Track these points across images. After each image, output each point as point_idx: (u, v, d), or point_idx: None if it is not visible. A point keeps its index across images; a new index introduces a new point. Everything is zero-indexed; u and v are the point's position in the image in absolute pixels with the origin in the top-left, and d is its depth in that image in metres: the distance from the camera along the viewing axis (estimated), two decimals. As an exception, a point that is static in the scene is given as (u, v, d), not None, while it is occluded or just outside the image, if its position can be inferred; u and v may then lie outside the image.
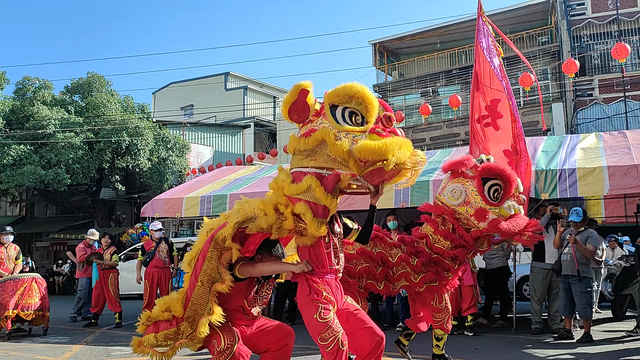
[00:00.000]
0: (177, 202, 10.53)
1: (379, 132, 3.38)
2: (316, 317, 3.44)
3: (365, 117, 3.37)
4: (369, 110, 3.35)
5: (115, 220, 25.44)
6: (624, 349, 6.43)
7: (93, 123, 21.66)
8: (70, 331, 8.74)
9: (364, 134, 3.35)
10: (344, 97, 3.35)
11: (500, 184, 4.80)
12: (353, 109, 3.36)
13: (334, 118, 3.36)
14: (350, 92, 3.34)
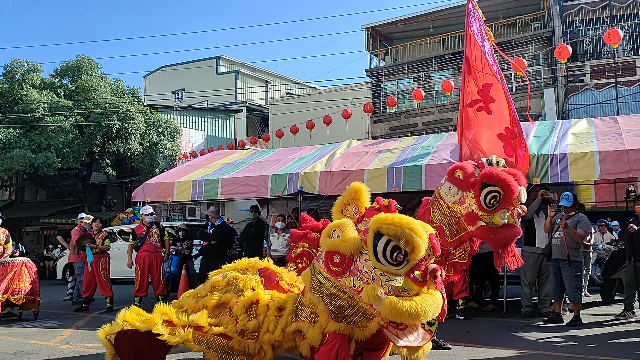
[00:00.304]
0: (168, 186, 10.47)
1: (416, 279, 3.17)
2: None
3: (408, 256, 3.14)
4: (414, 251, 3.13)
5: (106, 205, 25.32)
6: (613, 332, 6.51)
7: (83, 107, 21.43)
8: (61, 315, 8.72)
9: (400, 278, 3.17)
10: (393, 233, 3.11)
11: (499, 192, 4.61)
12: (396, 245, 3.12)
13: (374, 250, 3.15)
14: (400, 232, 3.10)
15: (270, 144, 22.08)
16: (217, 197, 9.93)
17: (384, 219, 3.14)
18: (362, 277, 3.23)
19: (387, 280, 3.14)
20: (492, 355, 5.32)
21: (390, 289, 3.14)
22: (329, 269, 3.36)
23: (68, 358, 5.47)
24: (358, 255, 3.25)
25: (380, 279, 3.15)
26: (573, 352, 5.43)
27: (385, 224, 3.10)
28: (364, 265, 3.22)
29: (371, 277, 3.18)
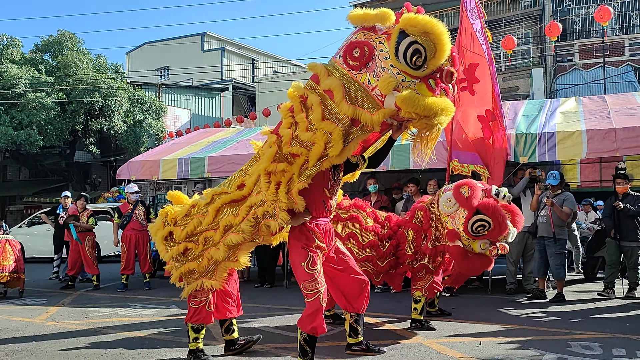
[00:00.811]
0: (154, 164, 10.36)
1: (430, 84, 3.16)
2: (303, 266, 3.65)
3: (427, 62, 3.10)
4: (435, 56, 3.08)
5: (91, 184, 25.06)
6: (595, 308, 6.61)
7: (64, 83, 21.02)
8: (47, 293, 8.65)
9: (415, 81, 3.15)
10: (420, 31, 3.04)
11: (489, 224, 4.67)
12: (419, 47, 3.05)
13: (395, 49, 3.08)
14: (429, 29, 3.03)
15: (257, 123, 21.89)
16: (204, 176, 9.85)
17: (412, 18, 3.07)
18: (378, 74, 3.21)
19: (403, 80, 3.13)
20: (477, 330, 5.38)
21: (404, 89, 3.14)
22: (347, 62, 3.29)
23: (54, 335, 5.43)
24: (378, 52, 3.20)
25: (396, 77, 3.14)
26: (556, 327, 5.52)
27: (412, 23, 3.04)
28: (383, 62, 3.18)
29: (388, 74, 3.17)
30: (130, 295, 8.30)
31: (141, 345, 4.93)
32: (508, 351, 4.53)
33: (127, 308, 7.05)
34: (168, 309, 6.89)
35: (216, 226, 3.85)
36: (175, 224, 4.05)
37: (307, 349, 3.80)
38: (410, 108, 3.09)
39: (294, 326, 5.42)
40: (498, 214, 4.64)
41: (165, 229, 4.08)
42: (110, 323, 6.03)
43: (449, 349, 4.64)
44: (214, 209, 3.87)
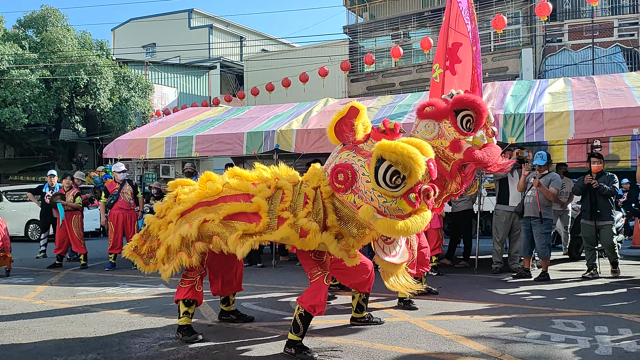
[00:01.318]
0: (141, 143, 10.26)
1: (410, 200, 3.44)
2: (310, 256, 3.97)
3: (405, 180, 3.39)
4: (411, 176, 3.37)
5: (77, 163, 24.80)
6: (579, 287, 6.73)
7: (49, 60, 20.63)
8: (34, 272, 8.61)
9: (395, 200, 3.45)
10: (395, 159, 3.33)
11: (472, 115, 4.74)
12: (397, 170, 3.36)
13: (375, 174, 3.40)
14: (401, 158, 3.32)
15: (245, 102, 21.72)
16: (192, 155, 9.78)
17: (387, 146, 3.37)
18: (362, 196, 3.54)
19: (384, 202, 3.45)
20: (464, 308, 5.46)
21: (386, 209, 3.46)
22: (334, 185, 3.69)
23: (42, 313, 5.41)
24: (360, 175, 3.55)
25: (378, 200, 3.46)
26: (540, 305, 5.61)
27: (388, 151, 3.34)
28: (365, 186, 3.50)
29: (370, 197, 3.48)
30: (118, 274, 8.29)
31: (130, 324, 4.94)
32: (493, 329, 4.61)
33: (115, 287, 7.05)
34: (156, 288, 6.90)
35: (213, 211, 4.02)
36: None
37: (301, 325, 3.90)
38: (386, 233, 3.49)
39: (282, 305, 5.48)
40: (472, 100, 4.78)
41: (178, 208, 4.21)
42: (99, 302, 6.03)
43: (435, 326, 4.71)
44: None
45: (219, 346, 4.17)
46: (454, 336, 4.38)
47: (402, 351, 3.98)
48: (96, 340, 4.38)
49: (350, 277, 4.52)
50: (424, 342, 4.21)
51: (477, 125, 4.81)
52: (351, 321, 4.81)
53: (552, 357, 3.80)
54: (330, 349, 4.06)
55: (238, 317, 4.99)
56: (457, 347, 4.07)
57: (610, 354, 3.86)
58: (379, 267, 3.93)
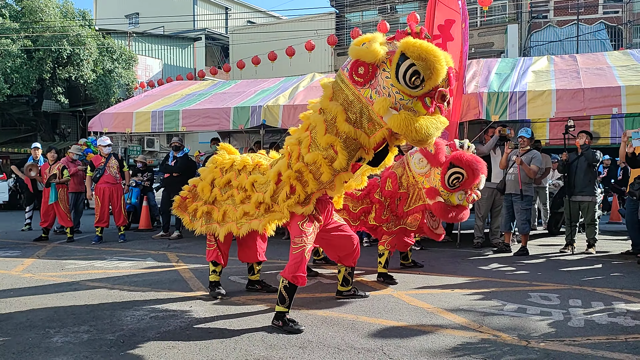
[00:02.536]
0: (126, 116, 10.22)
1: (425, 103, 3.42)
2: (299, 224, 4.10)
3: (424, 82, 3.35)
4: (431, 78, 3.32)
5: (60, 134, 24.47)
6: (556, 261, 6.97)
7: (30, 30, 20.16)
8: (20, 245, 8.63)
9: (413, 99, 3.42)
10: (418, 56, 3.27)
11: (462, 175, 4.98)
12: (417, 69, 3.30)
13: (395, 70, 3.35)
14: (426, 55, 3.27)
15: (231, 75, 21.52)
16: (178, 129, 9.77)
17: (412, 43, 3.32)
18: (379, 91, 3.49)
19: (401, 99, 3.43)
20: (445, 282, 5.65)
21: (401, 107, 3.44)
22: (352, 78, 3.58)
23: (32, 286, 5.49)
24: (380, 71, 3.48)
25: (395, 96, 3.43)
26: (519, 279, 5.83)
27: (413, 47, 3.30)
28: (384, 81, 3.46)
29: (388, 93, 3.45)
30: (105, 247, 8.36)
31: (120, 297, 5.04)
32: (472, 302, 4.80)
33: (103, 260, 7.12)
34: (144, 262, 6.99)
35: (243, 190, 4.41)
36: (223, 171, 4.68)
37: (286, 296, 4.06)
38: (401, 130, 3.38)
39: (269, 278, 5.62)
40: (470, 164, 4.97)
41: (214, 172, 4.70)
42: (88, 275, 6.11)
43: (418, 300, 4.89)
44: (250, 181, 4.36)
45: (209, 319, 4.30)
46: (435, 309, 4.56)
47: (385, 323, 4.15)
48: (87, 313, 4.48)
49: (337, 248, 4.65)
50: (406, 315, 4.38)
51: (463, 186, 5.06)
52: (337, 295, 4.96)
53: (527, 329, 3.99)
54: (317, 321, 4.21)
55: (263, 287, 5.27)
56: (438, 320, 4.25)
57: (582, 326, 4.06)
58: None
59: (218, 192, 4.62)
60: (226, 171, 4.64)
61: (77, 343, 3.71)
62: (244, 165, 4.55)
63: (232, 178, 4.54)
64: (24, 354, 3.51)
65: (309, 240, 4.11)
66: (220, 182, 4.62)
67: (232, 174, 4.57)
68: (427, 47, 3.30)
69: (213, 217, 4.65)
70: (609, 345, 3.63)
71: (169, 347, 3.62)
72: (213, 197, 4.66)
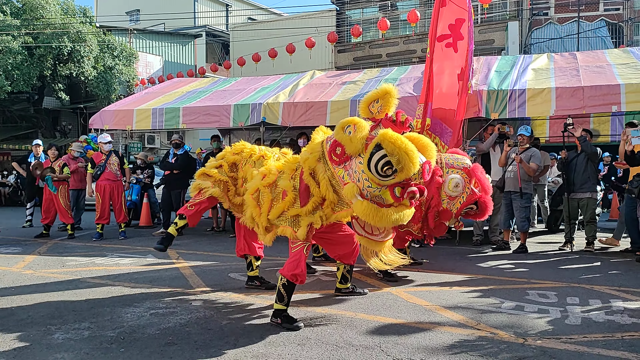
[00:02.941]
0: (127, 114, 10.24)
1: (394, 193, 3.52)
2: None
3: (396, 174, 3.47)
4: (402, 171, 3.44)
5: (61, 131, 24.53)
6: (555, 260, 6.99)
7: (31, 26, 20.18)
8: (21, 242, 8.67)
9: (382, 188, 3.53)
10: (393, 152, 3.40)
11: (475, 211, 5.09)
12: (390, 161, 3.41)
13: (369, 158, 3.47)
14: (400, 154, 3.39)
15: (231, 72, 21.54)
16: (179, 127, 9.79)
17: (389, 136, 3.44)
18: (351, 174, 3.65)
19: (369, 187, 3.55)
20: (444, 280, 5.68)
21: (368, 194, 3.57)
22: (330, 157, 3.80)
23: (33, 283, 5.52)
24: (356, 156, 3.64)
25: (364, 182, 3.56)
26: (517, 276, 5.85)
27: (388, 140, 3.41)
28: (357, 166, 3.61)
29: (357, 178, 3.59)
30: (105, 244, 8.39)
31: (120, 293, 5.08)
32: (470, 299, 4.83)
33: (103, 257, 7.16)
34: (145, 259, 7.02)
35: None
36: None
37: (285, 294, 4.08)
38: (364, 218, 3.61)
39: (269, 275, 5.64)
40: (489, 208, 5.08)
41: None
42: (89, 272, 6.15)
43: (416, 297, 4.92)
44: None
45: (208, 316, 4.33)
46: (433, 306, 4.59)
47: (384, 320, 4.18)
48: (88, 309, 4.51)
49: (336, 247, 4.68)
50: (405, 312, 4.41)
51: (473, 217, 5.22)
52: (335, 292, 5.00)
53: (524, 326, 4.02)
54: (315, 318, 4.24)
55: (262, 283, 5.32)
56: (436, 317, 4.27)
57: (579, 324, 4.08)
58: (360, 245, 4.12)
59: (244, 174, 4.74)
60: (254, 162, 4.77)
61: (78, 340, 3.74)
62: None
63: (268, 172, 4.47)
64: (25, 350, 3.55)
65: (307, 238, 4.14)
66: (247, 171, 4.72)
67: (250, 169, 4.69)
68: (401, 143, 3.41)
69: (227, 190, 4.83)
70: (606, 342, 3.65)
71: (168, 343, 3.65)
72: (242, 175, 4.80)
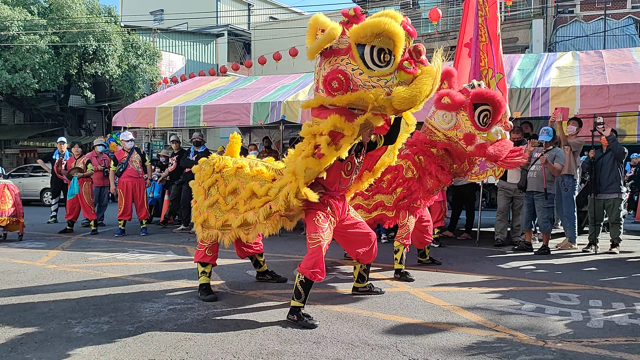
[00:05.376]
0: (149, 112, 10.36)
1: (406, 68, 3.40)
2: (314, 220, 4.11)
3: (393, 52, 3.35)
4: (396, 45, 3.32)
5: (86, 129, 24.96)
6: (578, 262, 6.85)
7: (58, 26, 20.58)
8: (46, 237, 8.85)
9: (394, 75, 3.39)
10: (371, 36, 3.28)
11: (489, 110, 4.97)
12: (380, 47, 3.31)
13: (363, 61, 3.34)
14: (377, 30, 3.27)
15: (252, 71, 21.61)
16: (200, 125, 9.87)
17: (358, 30, 3.34)
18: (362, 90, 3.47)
19: (386, 82, 3.42)
20: (462, 280, 5.61)
21: (390, 89, 3.42)
22: (332, 94, 3.55)
23: (56, 277, 5.62)
24: (351, 73, 3.45)
25: (379, 84, 3.42)
26: (538, 278, 5.75)
27: (360, 34, 3.32)
28: (360, 79, 3.45)
29: (371, 85, 3.43)
30: (127, 240, 8.51)
31: (140, 289, 5.14)
32: (489, 300, 4.76)
33: (125, 253, 7.26)
34: (164, 255, 7.10)
35: (245, 197, 4.33)
36: (221, 174, 4.56)
37: (302, 291, 4.07)
38: (406, 105, 3.42)
39: (287, 273, 5.65)
40: (492, 95, 4.97)
41: (211, 178, 4.59)
42: (110, 267, 6.24)
43: (434, 297, 4.87)
44: (250, 188, 4.30)
45: (225, 312, 4.35)
46: (451, 307, 4.53)
47: (401, 320, 4.15)
48: (108, 304, 4.58)
49: (353, 244, 4.62)
50: (422, 312, 4.37)
51: (494, 120, 5.05)
52: (353, 291, 4.97)
53: (544, 329, 3.95)
54: (332, 316, 4.23)
55: (273, 277, 5.43)
56: (454, 318, 4.22)
57: (601, 327, 3.99)
58: None
59: (222, 200, 4.47)
60: (228, 177, 4.51)
61: (97, 333, 3.79)
62: (245, 172, 4.47)
63: (239, 186, 4.40)
64: (46, 343, 3.61)
65: (325, 235, 4.10)
66: (224, 190, 4.47)
67: (237, 181, 4.43)
68: (371, 26, 3.28)
69: (210, 223, 4.54)
70: (628, 347, 3.57)
71: (185, 339, 3.68)
72: (212, 202, 4.53)
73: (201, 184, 4.66)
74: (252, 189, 4.26)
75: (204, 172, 4.68)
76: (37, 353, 3.43)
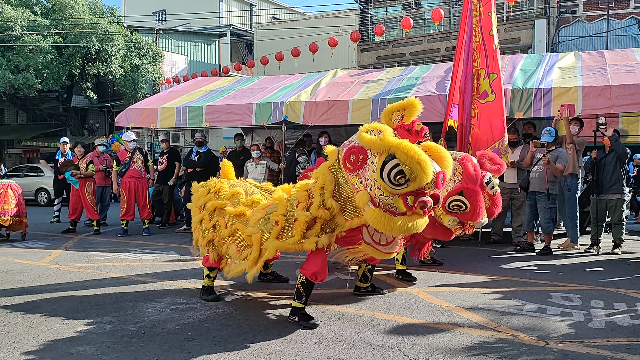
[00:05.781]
0: (152, 112, 10.38)
1: (407, 202, 3.45)
2: None
3: (409, 183, 3.40)
4: (415, 180, 3.37)
5: (89, 129, 25.03)
6: (580, 262, 6.85)
7: (60, 26, 20.64)
8: (49, 237, 8.87)
9: (394, 197, 3.47)
10: (406, 158, 3.33)
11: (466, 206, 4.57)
12: (402, 170, 3.36)
13: (381, 169, 3.42)
14: (411, 162, 3.32)
15: (254, 71, 21.65)
16: (202, 125, 9.89)
17: (402, 146, 3.37)
18: (364, 182, 3.59)
19: (381, 195, 3.49)
20: (464, 280, 5.61)
21: (380, 202, 3.51)
22: (345, 164, 3.73)
23: (59, 277, 5.64)
24: (369, 163, 3.55)
25: (376, 190, 3.50)
26: (540, 278, 5.75)
27: (400, 150, 3.36)
28: (370, 174, 3.53)
29: (370, 186, 3.53)
30: (130, 240, 8.53)
31: (142, 288, 5.16)
32: (491, 301, 4.76)
33: (127, 253, 7.28)
34: (167, 255, 7.12)
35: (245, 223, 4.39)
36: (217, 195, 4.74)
37: (303, 292, 4.08)
38: (377, 226, 3.55)
39: (288, 273, 5.66)
40: (478, 203, 4.58)
41: (207, 197, 4.82)
42: (112, 267, 6.26)
43: (435, 297, 4.88)
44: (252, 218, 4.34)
45: (227, 312, 4.36)
46: (453, 307, 4.54)
47: (402, 320, 4.15)
48: (111, 304, 4.60)
49: None
50: (423, 313, 4.38)
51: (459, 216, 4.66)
52: (355, 291, 4.98)
53: (546, 329, 3.95)
54: (333, 316, 4.24)
55: (275, 277, 5.51)
56: (455, 318, 4.23)
57: (602, 327, 4.00)
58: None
59: (223, 224, 4.54)
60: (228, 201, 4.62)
61: (100, 333, 3.81)
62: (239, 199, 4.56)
63: (245, 212, 4.45)
64: (48, 342, 3.63)
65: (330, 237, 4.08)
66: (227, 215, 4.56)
67: (242, 208, 4.50)
68: (414, 153, 3.33)
69: (215, 244, 4.66)
70: (630, 347, 3.57)
71: (187, 339, 3.69)
72: (213, 223, 4.64)
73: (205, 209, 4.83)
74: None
75: (200, 194, 4.95)
76: (40, 353, 3.44)
